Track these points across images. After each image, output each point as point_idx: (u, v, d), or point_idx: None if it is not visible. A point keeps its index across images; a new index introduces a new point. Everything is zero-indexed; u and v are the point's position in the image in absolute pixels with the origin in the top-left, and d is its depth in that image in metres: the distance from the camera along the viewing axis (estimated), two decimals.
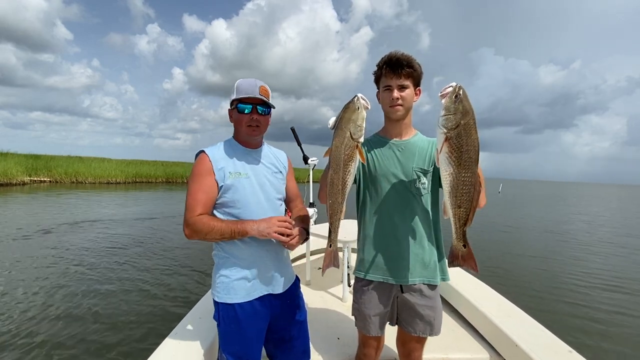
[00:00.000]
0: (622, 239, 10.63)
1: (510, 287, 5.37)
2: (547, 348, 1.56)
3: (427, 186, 1.35)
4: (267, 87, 1.33)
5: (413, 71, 1.28)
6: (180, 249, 6.96)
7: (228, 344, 1.32)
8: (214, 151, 1.33)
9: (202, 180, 1.27)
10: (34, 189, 18.65)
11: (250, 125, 1.32)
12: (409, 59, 1.28)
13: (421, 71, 1.32)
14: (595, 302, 4.98)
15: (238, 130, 1.37)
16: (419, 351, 1.47)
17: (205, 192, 1.27)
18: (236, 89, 1.32)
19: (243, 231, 1.23)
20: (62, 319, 3.74)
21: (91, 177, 24.20)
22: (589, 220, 15.57)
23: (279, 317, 1.41)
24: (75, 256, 6.17)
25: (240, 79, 1.34)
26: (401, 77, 1.28)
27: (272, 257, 1.37)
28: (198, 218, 1.23)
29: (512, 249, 8.56)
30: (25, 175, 21.86)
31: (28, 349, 3.13)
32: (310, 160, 3.50)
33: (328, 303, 2.55)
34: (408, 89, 1.29)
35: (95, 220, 9.77)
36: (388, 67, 1.29)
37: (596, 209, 22.73)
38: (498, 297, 2.15)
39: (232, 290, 1.31)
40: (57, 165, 24.71)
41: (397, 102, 1.30)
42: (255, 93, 1.29)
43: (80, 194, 16.95)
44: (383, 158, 1.38)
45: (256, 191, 1.34)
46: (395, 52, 1.31)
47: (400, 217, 1.34)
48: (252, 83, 1.31)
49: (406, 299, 1.37)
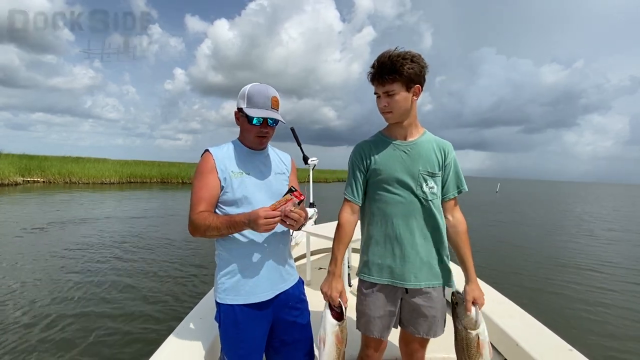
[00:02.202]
0: (623, 236, 10.75)
1: (510, 285, 5.42)
2: (548, 346, 1.57)
3: (436, 190, 1.34)
4: (277, 97, 1.32)
5: (398, 76, 1.20)
6: (182, 249, 6.93)
7: (228, 345, 1.31)
8: (218, 151, 1.34)
9: (205, 178, 1.28)
10: (26, 189, 18.42)
11: (259, 135, 1.33)
12: (394, 63, 1.19)
13: (417, 70, 1.22)
14: (596, 300, 5.03)
15: (245, 136, 1.37)
16: (421, 351, 1.47)
17: (208, 190, 1.27)
18: (247, 97, 1.29)
19: (233, 222, 1.20)
20: (59, 319, 3.70)
21: (85, 178, 23.97)
22: (588, 219, 15.70)
23: (281, 320, 1.39)
24: (74, 256, 6.10)
25: (251, 84, 1.32)
26: (386, 84, 1.23)
27: (274, 258, 1.36)
28: (199, 214, 1.24)
29: (512, 247, 8.63)
30: (18, 175, 21.61)
31: (24, 348, 3.09)
32: (310, 161, 3.49)
33: None
34: (397, 94, 1.23)
35: (92, 219, 9.66)
36: (374, 74, 1.26)
37: (596, 208, 22.89)
38: (498, 296, 2.16)
39: (233, 291, 1.30)
40: (51, 165, 24.46)
41: (385, 109, 1.29)
42: (267, 107, 1.28)
43: (73, 194, 16.76)
44: (388, 159, 1.35)
45: (259, 191, 1.34)
46: (383, 55, 1.23)
47: (405, 220, 1.32)
48: (264, 94, 1.28)
49: (411, 301, 1.36)
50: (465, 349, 1.30)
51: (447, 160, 1.36)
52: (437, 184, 1.34)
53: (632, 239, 10.43)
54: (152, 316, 3.91)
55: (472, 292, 1.32)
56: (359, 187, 1.40)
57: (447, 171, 1.36)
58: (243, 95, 1.30)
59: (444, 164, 1.36)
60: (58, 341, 3.28)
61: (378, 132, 1.45)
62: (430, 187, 1.33)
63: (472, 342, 1.29)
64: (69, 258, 6.02)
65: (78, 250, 6.56)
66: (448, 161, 1.36)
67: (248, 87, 1.31)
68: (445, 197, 1.37)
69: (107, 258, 6.13)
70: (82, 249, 6.67)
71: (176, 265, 5.91)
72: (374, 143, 1.40)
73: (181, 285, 4.96)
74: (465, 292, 1.33)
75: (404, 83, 1.23)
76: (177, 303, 4.31)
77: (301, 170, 3.98)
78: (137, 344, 3.30)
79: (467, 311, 1.30)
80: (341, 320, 1.29)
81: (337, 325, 1.28)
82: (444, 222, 1.38)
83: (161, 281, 5.06)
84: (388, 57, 1.22)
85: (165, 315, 3.93)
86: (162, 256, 6.41)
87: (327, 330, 1.27)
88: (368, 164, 1.38)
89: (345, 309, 1.31)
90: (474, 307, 1.30)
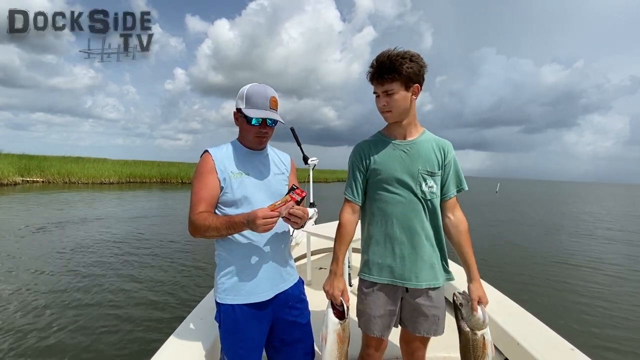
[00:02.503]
0: (623, 235, 10.74)
1: (511, 284, 5.41)
2: (549, 346, 1.57)
3: (435, 189, 1.34)
4: (276, 97, 1.33)
5: (397, 75, 1.21)
6: (181, 250, 6.92)
7: (228, 345, 1.32)
8: (218, 151, 1.34)
9: (204, 178, 1.29)
10: (26, 189, 18.42)
11: (258, 136, 1.33)
12: (393, 62, 1.20)
13: (416, 69, 1.22)
14: (598, 299, 5.02)
15: (244, 137, 1.38)
16: (422, 350, 1.47)
17: (207, 190, 1.28)
18: (246, 98, 1.30)
19: (233, 223, 1.20)
20: (59, 320, 3.69)
21: (84, 178, 23.96)
22: (588, 218, 15.69)
23: (281, 319, 1.39)
24: (72, 256, 6.09)
25: (249, 85, 1.32)
26: (385, 84, 1.24)
27: (274, 258, 1.36)
28: (199, 215, 1.24)
29: (512, 246, 8.64)
30: (17, 175, 21.61)
31: (23, 350, 3.09)
32: (310, 161, 3.49)
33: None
34: (396, 93, 1.24)
35: (90, 219, 9.65)
36: (373, 73, 1.27)
37: (597, 207, 22.88)
38: (499, 295, 2.15)
39: (233, 291, 1.30)
40: (50, 165, 24.46)
41: (384, 108, 1.29)
42: (266, 107, 1.29)
43: (72, 193, 16.74)
44: (387, 159, 1.35)
45: (258, 191, 1.34)
46: (382, 55, 1.23)
47: (405, 219, 1.33)
48: (263, 95, 1.29)
49: (412, 300, 1.37)
50: (472, 351, 1.28)
51: (446, 159, 1.36)
52: (436, 183, 1.34)
53: (632, 239, 10.40)
54: (153, 316, 3.92)
55: (476, 290, 1.31)
56: (359, 187, 1.40)
57: (446, 170, 1.37)
58: (242, 95, 1.30)
59: (443, 164, 1.36)
60: (58, 342, 3.27)
61: (377, 132, 1.45)
62: (430, 187, 1.33)
63: (479, 343, 1.27)
64: (66, 259, 6.01)
65: (77, 250, 6.55)
66: (447, 160, 1.36)
67: (247, 87, 1.31)
68: (446, 196, 1.37)
69: (108, 258, 6.12)
70: (81, 248, 6.66)
71: (176, 265, 5.90)
72: (373, 143, 1.40)
73: (182, 285, 4.95)
74: (470, 291, 1.32)
75: (403, 82, 1.23)
76: (178, 303, 4.31)
77: (301, 170, 3.98)
78: (138, 344, 3.30)
79: (474, 311, 1.29)
80: (343, 319, 1.29)
81: (339, 324, 1.28)
82: (444, 221, 1.38)
83: (162, 282, 5.06)
84: (387, 56, 1.22)
85: (166, 316, 3.93)
86: (163, 256, 6.41)
87: (329, 328, 1.28)
88: (368, 164, 1.38)
89: (347, 307, 1.31)
90: (480, 307, 1.29)
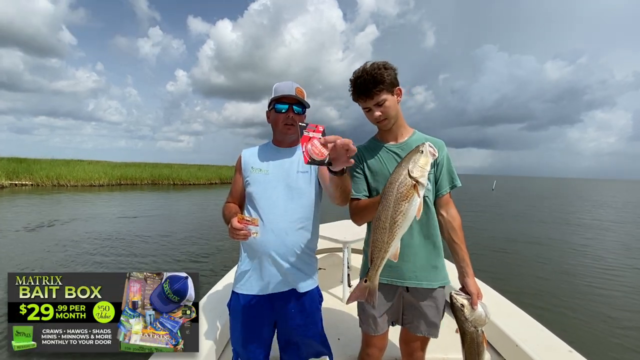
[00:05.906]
0: (623, 235, 10.72)
1: (509, 286, 5.37)
2: (548, 348, 1.58)
3: (430, 187, 1.35)
4: (302, 89, 1.43)
5: (382, 85, 1.26)
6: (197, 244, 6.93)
7: (232, 331, 1.42)
8: (247, 151, 1.52)
9: (235, 176, 1.53)
10: (14, 192, 18.04)
11: (286, 123, 1.41)
12: (375, 75, 1.25)
13: (393, 75, 1.29)
14: (596, 300, 5.00)
15: (275, 130, 1.48)
16: (421, 351, 1.48)
17: (235, 185, 1.51)
18: (274, 90, 1.43)
19: (228, 220, 1.28)
20: None
21: (73, 180, 23.53)
22: (588, 218, 15.52)
23: (288, 318, 1.40)
24: (71, 256, 5.98)
25: (277, 82, 1.46)
26: (374, 97, 1.28)
27: (288, 260, 1.36)
28: (225, 204, 1.47)
29: (511, 245, 8.62)
30: (5, 179, 21.19)
31: None
32: None
33: (328, 303, 2.53)
34: (386, 101, 1.29)
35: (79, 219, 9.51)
36: (359, 92, 1.30)
37: (598, 205, 22.91)
38: (497, 297, 2.16)
39: (246, 282, 1.39)
40: (40, 168, 24.01)
41: (380, 118, 1.32)
42: (292, 92, 1.39)
43: (59, 196, 16.44)
44: (381, 162, 1.38)
45: (275, 187, 1.38)
46: (360, 72, 1.28)
47: None
48: (288, 85, 1.41)
49: (411, 299, 1.38)
50: (476, 348, 1.28)
51: (439, 158, 1.38)
52: (430, 181, 1.36)
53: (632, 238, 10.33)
54: None
55: (473, 285, 1.32)
56: (361, 184, 1.41)
57: (439, 168, 1.38)
58: (272, 90, 1.44)
59: (435, 162, 1.38)
60: None
61: (371, 137, 1.49)
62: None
63: (481, 340, 1.28)
64: (64, 259, 5.90)
65: (72, 252, 6.45)
66: (440, 159, 1.38)
67: (276, 83, 1.46)
68: (439, 194, 1.39)
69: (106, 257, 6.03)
70: (79, 249, 6.56)
71: (190, 254, 5.84)
72: (366, 148, 1.45)
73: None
74: (468, 287, 1.32)
75: (388, 90, 1.29)
76: None
77: None
78: None
79: (474, 305, 1.28)
80: None
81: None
82: (438, 218, 1.39)
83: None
84: (366, 72, 1.27)
85: None
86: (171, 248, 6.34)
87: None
88: (363, 168, 1.42)
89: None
90: (479, 302, 1.30)
